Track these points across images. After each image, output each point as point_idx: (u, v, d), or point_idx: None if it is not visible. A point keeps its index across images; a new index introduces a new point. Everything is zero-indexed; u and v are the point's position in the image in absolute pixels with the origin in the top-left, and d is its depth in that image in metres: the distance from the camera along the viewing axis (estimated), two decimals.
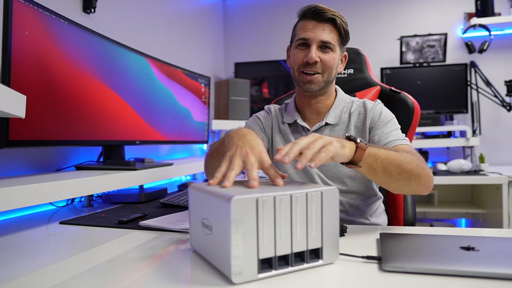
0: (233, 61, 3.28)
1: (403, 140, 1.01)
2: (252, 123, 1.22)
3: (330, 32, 1.05)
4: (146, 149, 2.02)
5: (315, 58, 1.03)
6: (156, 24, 2.26)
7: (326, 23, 1.04)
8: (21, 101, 0.87)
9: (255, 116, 1.23)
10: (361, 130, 1.08)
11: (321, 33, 1.04)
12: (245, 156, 0.74)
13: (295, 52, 1.08)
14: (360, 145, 0.79)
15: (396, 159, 0.84)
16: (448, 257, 0.64)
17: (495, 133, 2.90)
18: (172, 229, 0.93)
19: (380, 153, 0.82)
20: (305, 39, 1.05)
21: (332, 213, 0.65)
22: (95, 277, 0.65)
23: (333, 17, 1.04)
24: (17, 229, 1.02)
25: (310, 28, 1.05)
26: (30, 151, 1.34)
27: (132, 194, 1.43)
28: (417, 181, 0.87)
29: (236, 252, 0.56)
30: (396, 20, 3.08)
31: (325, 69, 1.06)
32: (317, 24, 1.04)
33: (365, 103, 1.11)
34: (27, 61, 1.07)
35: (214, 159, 0.96)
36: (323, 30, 1.04)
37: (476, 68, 2.78)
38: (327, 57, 1.05)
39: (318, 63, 1.04)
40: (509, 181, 2.28)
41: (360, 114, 1.10)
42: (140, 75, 1.62)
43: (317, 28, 1.04)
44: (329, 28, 1.05)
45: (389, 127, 1.05)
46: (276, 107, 1.24)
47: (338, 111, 1.12)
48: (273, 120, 1.21)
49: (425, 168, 0.89)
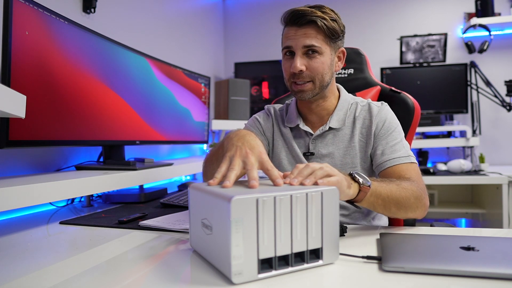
0: (233, 61, 3.28)
1: (408, 157, 1.00)
2: (251, 125, 1.19)
3: (313, 35, 0.99)
4: (146, 149, 2.02)
5: (299, 68, 0.99)
6: (156, 24, 2.26)
7: (308, 26, 0.99)
8: (21, 101, 0.87)
9: (254, 118, 1.20)
10: (366, 137, 1.06)
11: (303, 39, 0.99)
12: (245, 156, 0.73)
13: (283, 62, 1.05)
14: (363, 188, 0.80)
15: (396, 196, 0.86)
16: (448, 257, 0.64)
17: (495, 133, 2.90)
18: (172, 229, 0.93)
19: (382, 192, 0.84)
20: (288, 47, 1.02)
21: (332, 213, 0.65)
22: (95, 277, 0.65)
23: (313, 19, 0.97)
24: (17, 229, 1.02)
25: (292, 35, 1.00)
26: (30, 151, 1.34)
27: (132, 194, 1.43)
28: (413, 213, 0.91)
29: (236, 252, 0.56)
30: (396, 20, 3.08)
31: (314, 75, 1.01)
32: (299, 29, 0.99)
33: (370, 106, 1.08)
34: (27, 61, 1.07)
35: (213, 163, 0.93)
36: (305, 34, 0.99)
37: (476, 68, 2.78)
38: (314, 63, 1.00)
39: (304, 72, 1.00)
40: (509, 181, 2.28)
41: (365, 119, 1.08)
42: (140, 75, 1.62)
43: (299, 34, 0.99)
44: (312, 30, 0.99)
45: (394, 137, 1.03)
46: (277, 108, 1.21)
47: (341, 114, 1.09)
48: (274, 121, 1.18)
49: (423, 199, 0.92)
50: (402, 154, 1.00)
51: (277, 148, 1.15)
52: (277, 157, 1.15)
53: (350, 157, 1.07)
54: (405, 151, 1.01)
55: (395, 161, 0.99)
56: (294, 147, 1.12)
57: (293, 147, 1.12)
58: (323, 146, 1.09)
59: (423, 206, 0.92)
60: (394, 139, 1.03)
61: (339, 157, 1.08)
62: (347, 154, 1.07)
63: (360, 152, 1.07)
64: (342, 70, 1.42)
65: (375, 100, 1.33)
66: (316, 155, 1.09)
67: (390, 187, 0.86)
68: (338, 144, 1.08)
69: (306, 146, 1.11)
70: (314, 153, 1.09)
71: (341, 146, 1.08)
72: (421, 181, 0.97)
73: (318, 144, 1.10)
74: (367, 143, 1.06)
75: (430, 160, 2.91)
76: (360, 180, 0.80)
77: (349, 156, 1.07)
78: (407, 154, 1.01)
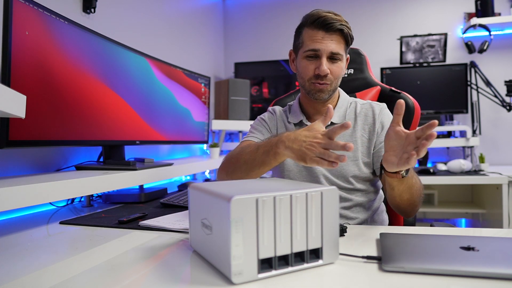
0: (233, 61, 3.28)
1: None
2: (258, 125, 1.22)
3: (338, 43, 1.05)
4: (146, 149, 2.02)
5: (327, 71, 1.04)
6: (156, 24, 2.26)
7: (334, 33, 1.04)
8: (21, 101, 0.87)
9: (260, 118, 1.24)
10: (369, 134, 1.11)
11: (330, 44, 1.04)
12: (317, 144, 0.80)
13: (305, 64, 1.08)
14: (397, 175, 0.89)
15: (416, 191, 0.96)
16: (448, 257, 0.64)
17: (495, 133, 2.90)
18: (172, 229, 0.93)
19: (416, 181, 0.96)
20: (315, 50, 1.05)
21: (332, 213, 0.65)
22: (95, 277, 0.65)
23: (341, 27, 1.04)
24: (17, 229, 1.02)
25: (319, 39, 1.04)
26: (30, 151, 1.34)
27: (132, 194, 1.43)
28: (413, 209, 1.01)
29: (236, 252, 0.56)
30: (396, 20, 3.08)
31: (333, 79, 1.07)
32: (326, 35, 1.04)
33: (372, 105, 1.14)
34: (27, 61, 1.07)
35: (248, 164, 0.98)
36: (332, 40, 1.04)
37: (476, 68, 2.78)
38: (336, 68, 1.06)
39: (328, 75, 1.06)
40: (509, 181, 2.28)
41: (367, 116, 1.12)
42: (140, 75, 1.62)
43: (326, 39, 1.04)
44: (337, 38, 1.05)
45: None
46: (280, 108, 1.25)
47: (342, 111, 1.14)
48: (278, 120, 1.21)
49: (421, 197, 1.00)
50: None
51: None
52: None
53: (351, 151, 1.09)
54: None
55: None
56: None
57: None
58: None
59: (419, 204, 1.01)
60: None
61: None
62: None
63: (361, 147, 1.11)
64: None
65: (375, 100, 1.34)
66: None
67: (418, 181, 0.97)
68: (340, 138, 1.11)
69: None
70: None
71: (343, 140, 1.09)
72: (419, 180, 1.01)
73: None
74: (369, 140, 1.10)
75: (430, 160, 2.91)
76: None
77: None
78: None
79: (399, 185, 0.91)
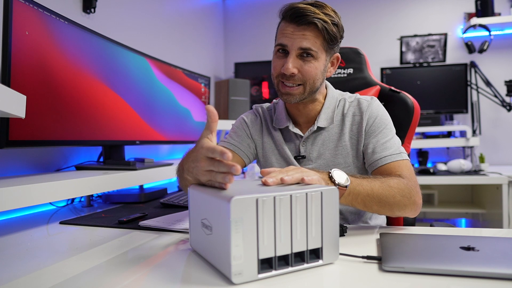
0: (233, 61, 3.28)
1: (399, 154, 0.97)
2: (238, 129, 1.14)
3: (312, 38, 0.93)
4: (146, 149, 2.02)
5: (292, 70, 0.94)
6: (156, 24, 2.26)
7: (307, 27, 0.92)
8: (21, 101, 0.87)
9: (242, 119, 1.15)
10: (357, 134, 1.03)
11: (300, 40, 0.92)
12: (202, 167, 0.67)
13: (274, 59, 0.99)
14: (340, 188, 0.80)
15: (379, 194, 0.84)
16: (448, 257, 0.64)
17: (495, 133, 2.90)
18: (172, 229, 0.93)
19: (361, 191, 0.83)
20: (283, 45, 0.95)
21: (332, 213, 0.65)
22: (95, 277, 0.65)
23: (314, 21, 0.91)
24: (17, 229, 1.02)
25: (289, 33, 0.94)
26: (30, 151, 1.34)
27: (132, 194, 1.43)
28: (401, 211, 0.89)
29: (236, 252, 0.56)
30: (396, 20, 3.08)
31: (305, 79, 0.96)
32: (297, 28, 0.93)
33: (360, 102, 1.05)
34: (27, 61, 1.07)
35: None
36: (303, 35, 0.92)
37: (476, 68, 2.78)
38: (308, 67, 0.95)
39: (296, 75, 0.96)
40: (509, 181, 2.28)
41: (355, 116, 1.04)
42: (140, 75, 1.62)
43: (296, 34, 0.93)
44: (311, 32, 0.93)
45: (385, 134, 1.00)
46: (264, 107, 1.16)
47: (329, 112, 1.05)
48: (262, 122, 1.14)
49: (412, 196, 0.88)
50: (393, 151, 0.97)
51: (267, 151, 1.12)
52: (268, 160, 1.11)
53: (342, 157, 1.04)
54: (396, 148, 0.98)
55: (386, 160, 0.96)
56: (285, 150, 1.08)
57: (284, 150, 1.09)
58: (313, 148, 1.06)
59: (412, 204, 0.88)
60: (385, 136, 1.00)
61: (330, 157, 1.05)
62: (338, 154, 1.04)
63: (352, 150, 1.04)
64: (341, 69, 1.42)
65: None
66: (308, 157, 1.06)
67: (372, 185, 0.84)
68: (328, 144, 1.05)
69: (296, 149, 1.08)
70: (305, 156, 1.06)
71: (331, 146, 1.05)
72: (412, 177, 0.93)
73: (308, 146, 1.07)
74: (358, 140, 1.03)
75: (430, 160, 2.91)
76: (336, 181, 0.80)
77: (341, 155, 1.04)
78: (398, 151, 0.97)
79: (348, 203, 0.84)
